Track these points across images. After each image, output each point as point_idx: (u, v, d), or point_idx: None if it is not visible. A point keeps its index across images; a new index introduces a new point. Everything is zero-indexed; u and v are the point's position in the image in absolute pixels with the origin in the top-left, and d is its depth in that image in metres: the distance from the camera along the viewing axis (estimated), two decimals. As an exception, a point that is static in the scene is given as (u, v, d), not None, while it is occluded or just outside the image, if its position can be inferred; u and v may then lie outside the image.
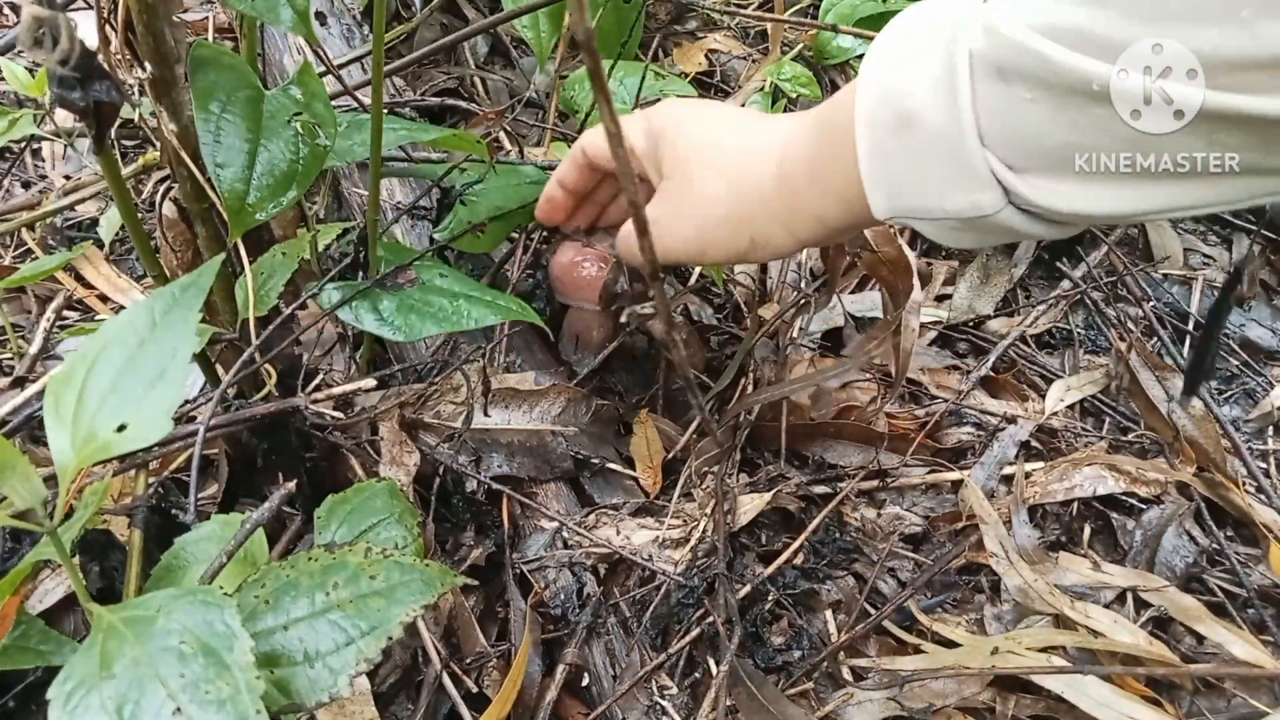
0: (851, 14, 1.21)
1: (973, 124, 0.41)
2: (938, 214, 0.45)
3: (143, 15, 0.49)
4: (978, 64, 0.41)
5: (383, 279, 0.67)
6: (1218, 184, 0.38)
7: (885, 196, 0.47)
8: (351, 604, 0.42)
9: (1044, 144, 0.40)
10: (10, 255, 1.03)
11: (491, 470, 0.73)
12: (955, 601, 0.77)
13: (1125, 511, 0.84)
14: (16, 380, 0.75)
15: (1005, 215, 0.43)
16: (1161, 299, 1.10)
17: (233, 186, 0.54)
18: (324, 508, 0.57)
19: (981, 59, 0.40)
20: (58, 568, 0.64)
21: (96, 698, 0.35)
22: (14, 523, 0.38)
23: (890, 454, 0.85)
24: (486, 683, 0.65)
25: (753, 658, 0.69)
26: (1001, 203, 0.43)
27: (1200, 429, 0.86)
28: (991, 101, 0.41)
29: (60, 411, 0.40)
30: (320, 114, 0.57)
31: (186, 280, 0.44)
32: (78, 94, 0.42)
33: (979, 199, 0.43)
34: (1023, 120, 0.40)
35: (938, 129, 0.42)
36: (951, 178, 0.43)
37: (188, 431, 0.57)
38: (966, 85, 0.41)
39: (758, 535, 0.77)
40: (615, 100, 0.99)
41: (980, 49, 0.40)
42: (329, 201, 0.94)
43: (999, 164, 0.41)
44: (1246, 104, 0.34)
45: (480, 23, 0.90)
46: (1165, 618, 0.74)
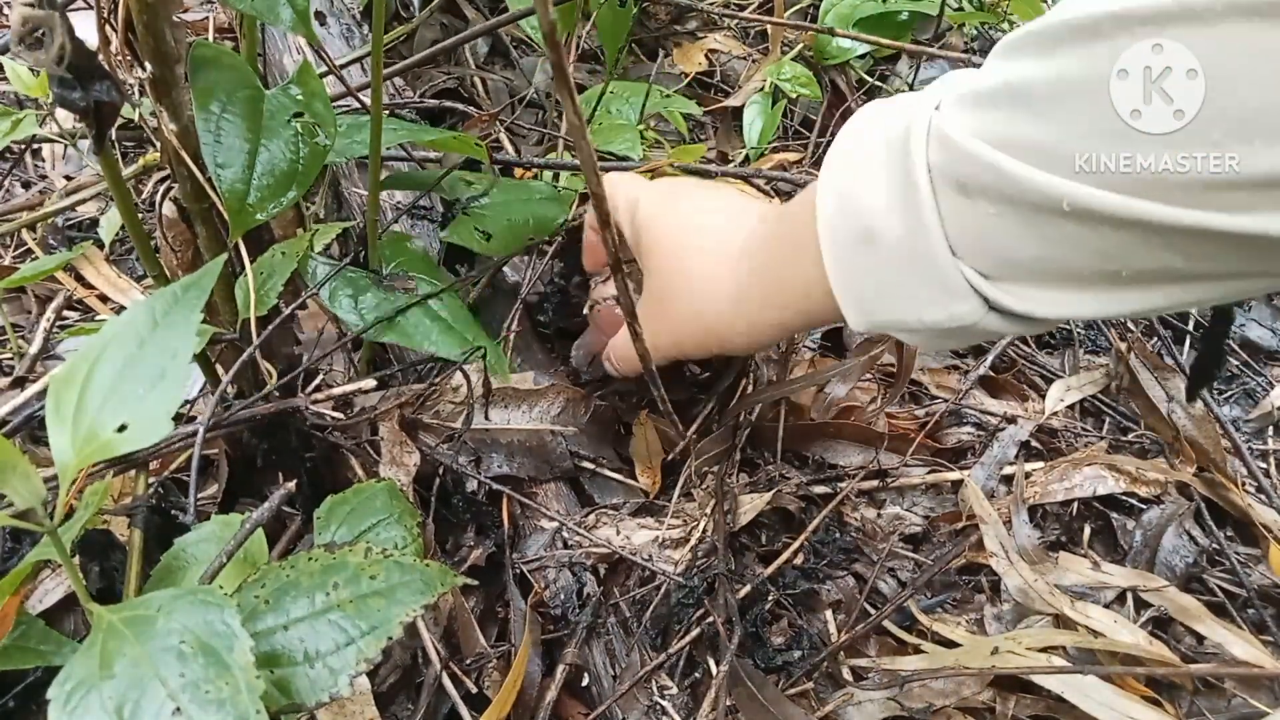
0: (851, 14, 1.21)
1: (941, 238, 0.40)
2: (915, 326, 0.44)
3: (143, 15, 0.49)
4: (937, 178, 0.39)
5: (381, 276, 0.67)
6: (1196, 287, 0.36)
7: (858, 312, 0.46)
8: (351, 604, 0.42)
9: (1016, 256, 0.39)
10: (10, 255, 1.03)
11: (491, 470, 0.73)
12: (955, 601, 0.77)
13: (1125, 511, 0.84)
14: (16, 380, 0.75)
15: (988, 322, 0.41)
16: (1161, 299, 1.10)
17: (233, 187, 0.54)
18: (324, 508, 0.57)
19: (940, 173, 0.39)
20: (58, 568, 0.64)
21: (96, 698, 0.35)
22: (14, 523, 0.38)
23: (890, 454, 0.85)
24: (486, 683, 0.65)
25: (753, 658, 0.69)
26: (981, 311, 0.41)
27: (1200, 429, 0.86)
28: (957, 216, 0.39)
29: (61, 411, 0.40)
30: (320, 114, 0.57)
31: (188, 281, 0.44)
32: (78, 94, 0.42)
33: (957, 310, 0.41)
34: (991, 234, 0.38)
35: (901, 244, 0.41)
36: (924, 292, 0.42)
37: (188, 431, 0.57)
38: (929, 199, 0.39)
39: (758, 535, 0.77)
40: (619, 118, 0.99)
41: (938, 162, 0.39)
42: (329, 201, 0.94)
43: (974, 274, 0.40)
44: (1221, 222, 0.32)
45: (484, 24, 0.90)
46: (1165, 618, 0.74)
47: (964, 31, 1.41)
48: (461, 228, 0.75)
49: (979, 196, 0.38)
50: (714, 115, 1.25)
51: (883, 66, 1.35)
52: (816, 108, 1.25)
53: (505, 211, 0.78)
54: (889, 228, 0.41)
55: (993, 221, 0.37)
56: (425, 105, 1.02)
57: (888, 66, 1.35)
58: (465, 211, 0.77)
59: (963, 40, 1.42)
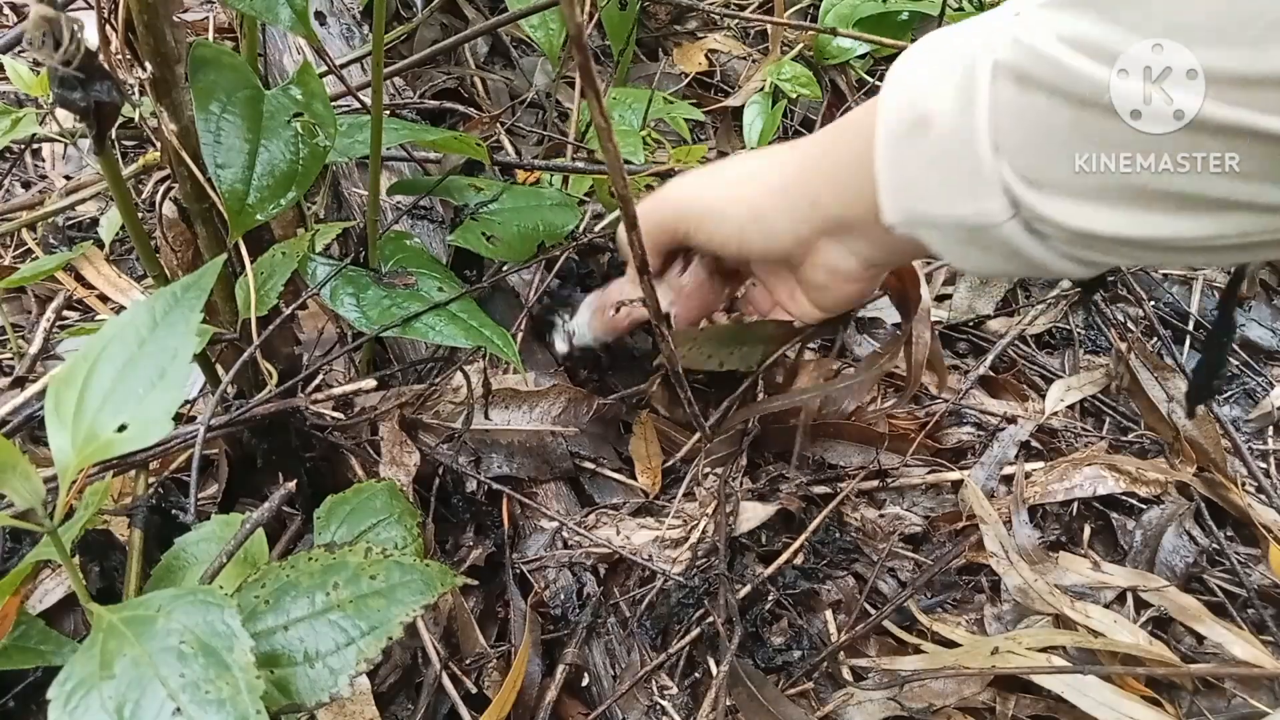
0: (851, 14, 1.21)
1: (987, 129, 0.41)
2: (944, 221, 0.45)
3: (143, 15, 0.49)
4: (999, 71, 0.41)
5: (381, 273, 0.67)
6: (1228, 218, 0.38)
7: (895, 202, 0.47)
8: (352, 604, 0.42)
9: (1056, 156, 0.40)
10: (10, 255, 1.03)
11: (491, 471, 0.73)
12: (955, 601, 0.77)
13: (1125, 511, 0.84)
14: (16, 380, 0.75)
15: (1010, 230, 0.43)
16: (1161, 299, 1.10)
17: (233, 187, 0.54)
18: (323, 508, 0.57)
19: (1003, 67, 0.41)
20: (58, 568, 0.64)
21: (96, 698, 0.35)
22: (14, 523, 0.38)
23: (890, 454, 0.85)
24: (486, 683, 0.65)
25: (753, 658, 0.69)
26: (1007, 214, 0.43)
27: (1200, 429, 0.86)
28: (1008, 108, 0.41)
29: (61, 411, 0.40)
30: (320, 114, 0.57)
31: (188, 281, 0.44)
32: (79, 94, 0.42)
33: (986, 206, 0.43)
34: (1037, 128, 0.40)
35: (952, 132, 0.43)
36: (961, 182, 0.43)
37: (188, 431, 0.57)
38: (985, 91, 0.41)
39: (758, 535, 0.77)
40: (622, 124, 1.00)
41: (1004, 58, 0.41)
42: (329, 201, 0.94)
43: (1009, 171, 0.42)
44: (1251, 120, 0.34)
45: (485, 24, 0.90)
46: (1165, 618, 0.74)
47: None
48: (468, 232, 0.75)
49: (1034, 90, 0.39)
50: (714, 115, 1.25)
51: (883, 66, 1.35)
52: (816, 108, 1.25)
53: (515, 218, 0.78)
54: (942, 114, 0.43)
55: (1041, 115, 0.39)
56: (425, 105, 1.02)
57: (888, 66, 1.35)
58: (473, 217, 0.76)
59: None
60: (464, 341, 0.63)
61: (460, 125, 1.05)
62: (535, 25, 1.02)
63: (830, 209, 0.54)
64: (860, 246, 0.55)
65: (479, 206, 0.77)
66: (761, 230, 0.58)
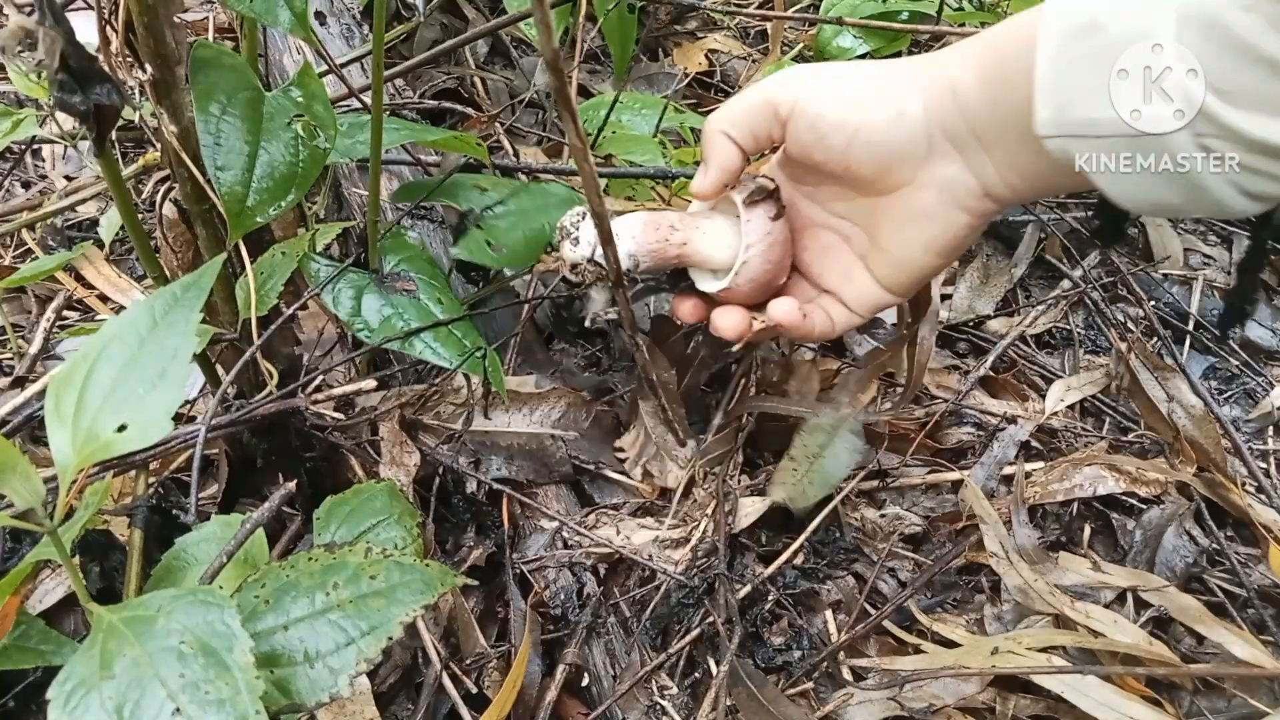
0: (852, 14, 1.21)
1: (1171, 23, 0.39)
2: (1108, 128, 0.41)
3: (143, 17, 0.49)
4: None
5: (383, 276, 0.67)
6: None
7: (1054, 101, 0.42)
8: (351, 604, 0.42)
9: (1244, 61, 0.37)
10: (10, 255, 1.03)
11: (490, 473, 0.73)
12: (955, 601, 0.77)
13: (1125, 511, 0.84)
14: (16, 380, 0.75)
15: (1180, 141, 0.40)
16: (1161, 299, 1.10)
17: (232, 189, 0.54)
18: (323, 509, 0.57)
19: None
20: (58, 568, 0.64)
21: (96, 698, 0.35)
22: (14, 523, 0.38)
23: (890, 454, 0.85)
24: (486, 683, 0.65)
25: (753, 658, 0.69)
26: (1182, 119, 0.39)
27: (1200, 429, 0.86)
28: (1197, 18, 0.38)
29: (61, 411, 0.40)
30: (320, 116, 0.57)
31: (187, 280, 0.44)
32: (78, 98, 0.42)
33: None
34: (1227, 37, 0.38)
35: (1129, 32, 0.40)
36: (1133, 81, 0.40)
37: (188, 432, 0.57)
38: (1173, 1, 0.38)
39: (758, 535, 0.77)
40: (633, 129, 1.00)
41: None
42: (329, 202, 0.94)
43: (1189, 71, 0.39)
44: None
45: (485, 25, 0.90)
46: (1165, 618, 0.74)
47: (964, 32, 1.41)
48: (472, 242, 0.73)
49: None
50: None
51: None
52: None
53: (521, 221, 0.76)
54: (1118, 17, 0.40)
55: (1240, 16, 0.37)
56: (425, 105, 1.02)
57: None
58: (478, 225, 0.75)
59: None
60: (458, 365, 0.64)
61: (460, 125, 1.05)
62: (532, 24, 1.03)
63: (972, 104, 0.47)
64: (989, 167, 0.48)
65: (484, 210, 0.76)
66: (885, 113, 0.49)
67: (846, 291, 0.57)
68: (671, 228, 0.56)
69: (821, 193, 0.58)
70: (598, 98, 1.07)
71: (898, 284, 0.55)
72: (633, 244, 0.56)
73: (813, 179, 0.57)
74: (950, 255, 0.53)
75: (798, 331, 0.56)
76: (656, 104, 1.02)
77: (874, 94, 0.50)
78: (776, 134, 0.54)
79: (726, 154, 0.55)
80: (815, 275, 0.58)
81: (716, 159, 0.55)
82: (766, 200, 0.55)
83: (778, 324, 0.55)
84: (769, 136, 0.54)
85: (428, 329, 0.64)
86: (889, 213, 0.53)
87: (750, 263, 0.55)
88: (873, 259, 0.55)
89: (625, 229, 0.56)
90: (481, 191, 0.77)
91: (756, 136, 0.54)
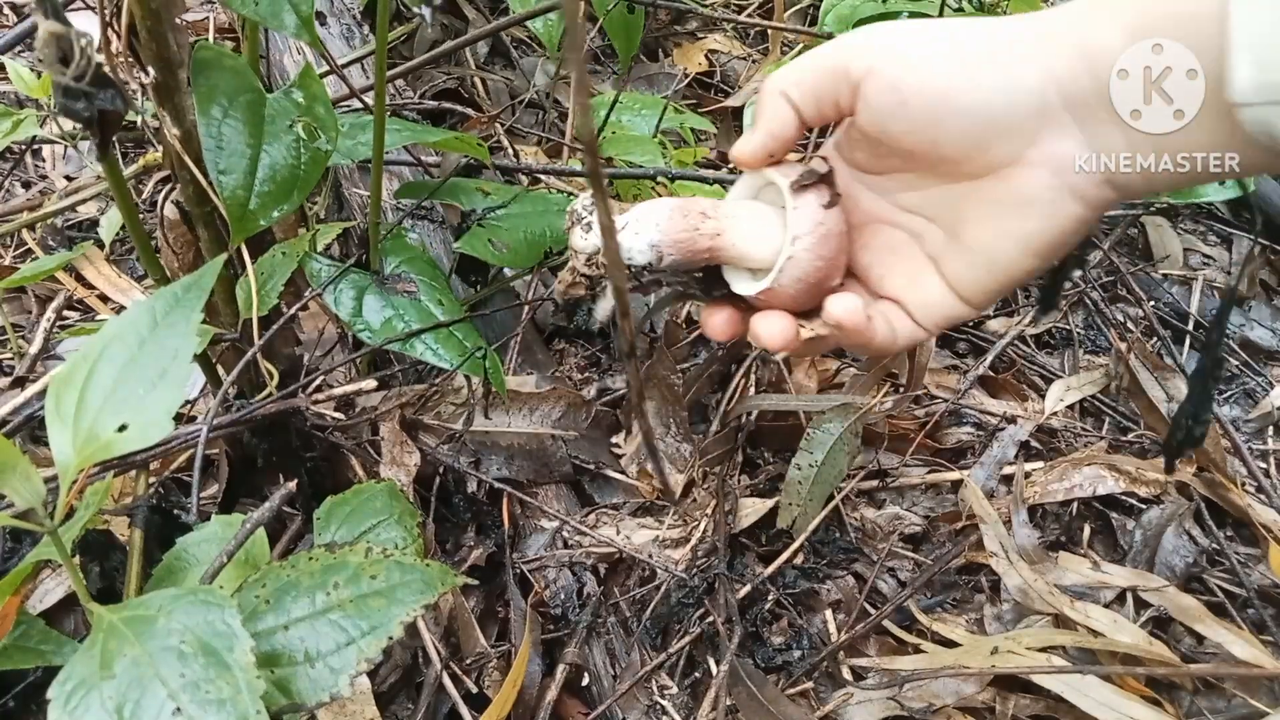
0: (851, 15, 1.21)
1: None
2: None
3: (146, 20, 0.49)
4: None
5: (384, 277, 0.67)
6: None
7: (1257, 67, 0.35)
8: (352, 604, 0.42)
9: None
10: (10, 255, 1.03)
11: (490, 473, 0.73)
12: (955, 601, 0.77)
13: (1125, 511, 0.84)
14: (17, 380, 0.75)
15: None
16: (1161, 299, 1.10)
17: (235, 193, 0.54)
18: (323, 509, 0.57)
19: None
20: (58, 568, 0.64)
21: (97, 697, 0.35)
22: (14, 523, 0.38)
23: (890, 454, 0.85)
24: (486, 683, 0.65)
25: (753, 657, 0.69)
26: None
27: (1200, 429, 0.86)
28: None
29: (62, 411, 0.40)
30: (322, 118, 0.57)
31: (188, 281, 0.44)
32: (82, 104, 0.42)
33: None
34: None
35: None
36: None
37: (189, 432, 0.57)
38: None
39: (758, 535, 0.77)
40: (633, 129, 0.99)
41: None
42: (329, 202, 0.95)
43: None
44: None
45: (487, 27, 0.90)
46: (1165, 618, 0.74)
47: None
48: (475, 239, 0.74)
49: None
50: (714, 115, 1.25)
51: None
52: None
53: (523, 224, 0.76)
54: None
55: None
56: (426, 106, 1.02)
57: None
58: (480, 223, 0.75)
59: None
60: (458, 366, 0.64)
61: (460, 125, 1.05)
62: (534, 25, 1.03)
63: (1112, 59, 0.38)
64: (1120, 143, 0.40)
65: (486, 212, 0.76)
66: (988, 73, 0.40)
67: (912, 299, 0.47)
68: (703, 215, 0.47)
69: (890, 181, 0.48)
70: (597, 98, 1.07)
71: (978, 290, 0.45)
72: (656, 233, 0.46)
73: (880, 163, 0.47)
74: (1049, 257, 0.43)
75: (858, 337, 0.46)
76: (656, 104, 1.02)
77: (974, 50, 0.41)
78: (845, 101, 0.44)
79: (781, 117, 0.46)
80: (875, 279, 0.49)
81: (767, 121, 0.46)
82: (818, 185, 0.46)
83: (837, 324, 0.44)
84: (834, 104, 0.45)
85: (428, 330, 0.64)
86: (980, 200, 0.43)
87: (798, 257, 0.45)
88: (949, 261, 0.46)
89: (649, 215, 0.47)
90: (484, 195, 0.78)
91: (820, 101, 0.45)
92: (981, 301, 0.46)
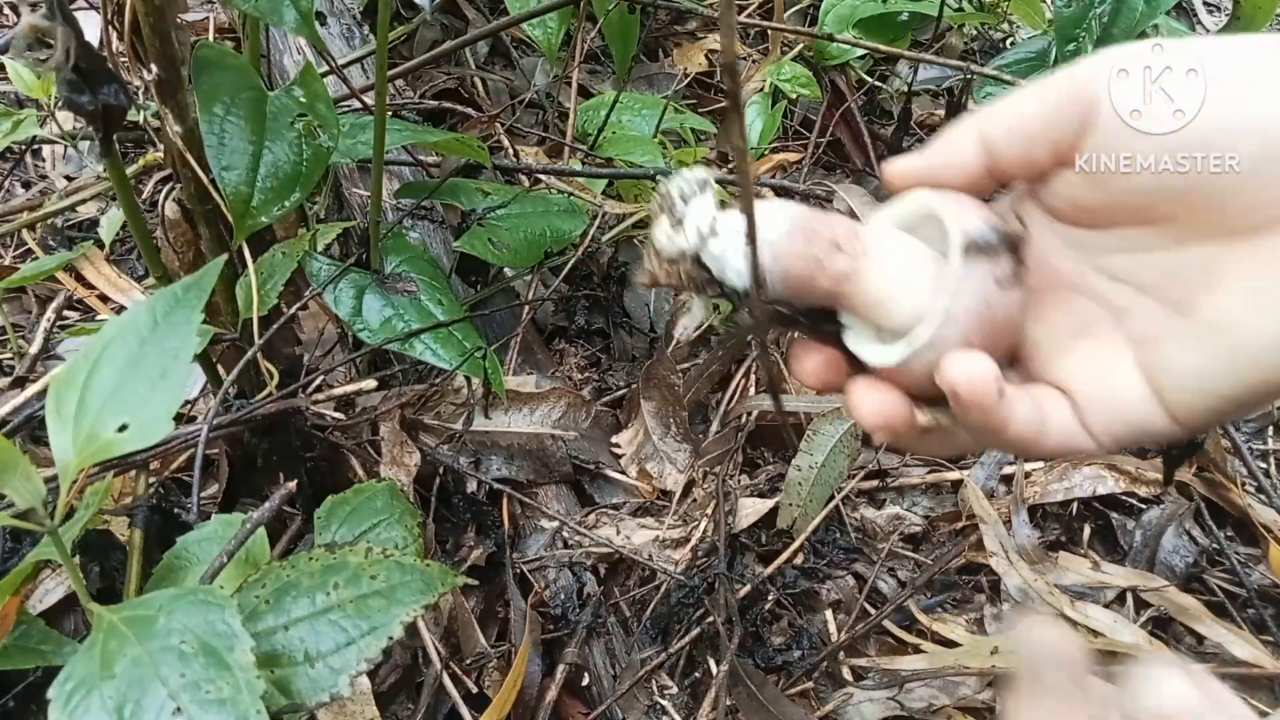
0: (851, 15, 1.21)
1: None
2: None
3: (149, 17, 0.49)
4: None
5: (384, 277, 0.67)
6: None
7: None
8: (352, 604, 0.42)
9: None
10: (10, 255, 1.03)
11: (490, 473, 0.73)
12: (955, 601, 0.77)
13: (1125, 511, 0.84)
14: (17, 380, 0.75)
15: None
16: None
17: (237, 190, 0.54)
18: (324, 508, 0.57)
19: None
20: (58, 567, 0.64)
21: (97, 697, 0.35)
22: (15, 523, 0.38)
23: (890, 454, 0.85)
24: (486, 683, 0.65)
25: (753, 657, 0.69)
26: None
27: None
28: None
29: (62, 411, 0.40)
30: (324, 115, 0.57)
31: (188, 281, 0.44)
32: (86, 98, 0.42)
33: None
34: None
35: None
36: None
37: (189, 431, 0.57)
38: None
39: (757, 535, 0.77)
40: (632, 129, 0.99)
41: None
42: (329, 202, 0.95)
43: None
44: None
45: (487, 27, 0.90)
46: (1165, 618, 0.75)
47: (963, 32, 1.41)
48: (475, 238, 0.74)
49: None
50: (714, 115, 1.25)
51: (882, 67, 1.35)
52: (816, 108, 1.25)
53: (523, 224, 0.77)
54: None
55: None
56: (425, 105, 1.02)
57: (887, 67, 1.35)
58: (480, 223, 0.76)
59: (962, 41, 1.42)
60: (457, 366, 0.64)
61: (460, 125, 1.05)
62: (533, 24, 1.02)
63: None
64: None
65: (486, 212, 0.77)
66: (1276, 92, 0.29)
67: (1087, 391, 0.34)
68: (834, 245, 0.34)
69: (1105, 238, 0.35)
70: (597, 98, 1.07)
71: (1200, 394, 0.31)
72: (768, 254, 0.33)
73: (1096, 214, 0.34)
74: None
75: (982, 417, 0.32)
76: (656, 104, 1.02)
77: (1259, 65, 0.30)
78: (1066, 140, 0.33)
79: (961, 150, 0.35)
80: (1041, 359, 0.36)
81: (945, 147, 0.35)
82: (998, 252, 0.33)
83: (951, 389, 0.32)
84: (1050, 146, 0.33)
85: (428, 330, 0.64)
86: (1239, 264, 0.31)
87: (942, 340, 0.33)
88: (1161, 351, 0.32)
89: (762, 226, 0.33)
90: (484, 195, 0.78)
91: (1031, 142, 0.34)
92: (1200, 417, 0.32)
